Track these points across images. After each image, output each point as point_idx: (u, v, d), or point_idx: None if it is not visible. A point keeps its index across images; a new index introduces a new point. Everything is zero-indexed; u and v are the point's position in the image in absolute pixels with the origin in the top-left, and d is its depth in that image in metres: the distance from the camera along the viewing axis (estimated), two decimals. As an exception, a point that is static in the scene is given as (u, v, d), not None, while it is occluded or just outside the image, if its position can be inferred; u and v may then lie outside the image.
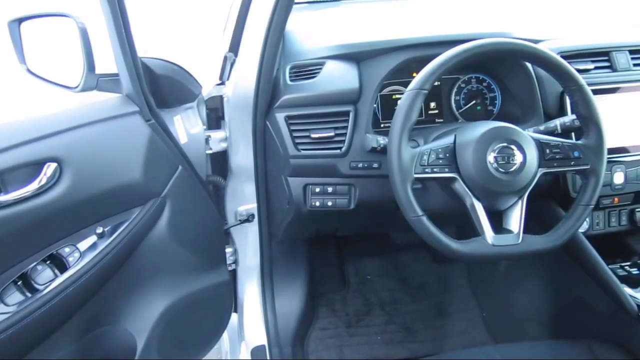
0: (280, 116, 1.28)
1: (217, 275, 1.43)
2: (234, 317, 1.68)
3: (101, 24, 1.08)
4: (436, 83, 1.30)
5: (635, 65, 1.36)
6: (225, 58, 1.42)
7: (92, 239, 1.12)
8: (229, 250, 1.62)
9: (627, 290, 1.25)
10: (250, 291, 1.66)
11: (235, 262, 1.66)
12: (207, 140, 1.44)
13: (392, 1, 1.79)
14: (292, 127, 1.27)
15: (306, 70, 1.31)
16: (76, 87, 1.15)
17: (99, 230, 1.11)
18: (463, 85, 1.41)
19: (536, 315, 1.69)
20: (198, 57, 1.60)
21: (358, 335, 1.88)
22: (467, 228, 1.12)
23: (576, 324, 1.51)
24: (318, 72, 1.30)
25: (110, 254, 1.11)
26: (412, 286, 2.04)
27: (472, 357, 1.22)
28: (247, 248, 1.63)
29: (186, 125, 1.37)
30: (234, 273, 1.68)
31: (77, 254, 1.09)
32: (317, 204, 1.31)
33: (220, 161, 1.52)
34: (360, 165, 1.27)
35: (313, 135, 1.26)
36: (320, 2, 1.78)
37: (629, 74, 1.35)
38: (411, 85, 1.09)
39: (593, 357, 1.19)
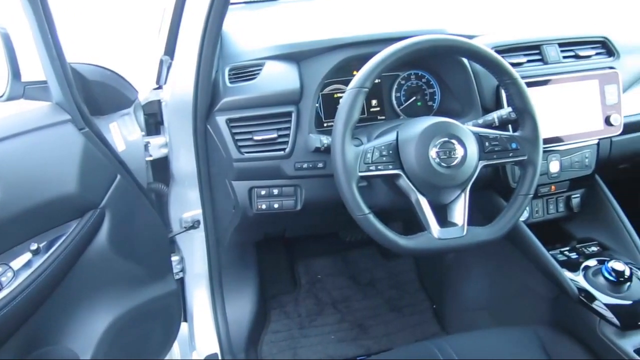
0: (221, 119, 1.25)
1: (164, 285, 1.39)
2: (184, 326, 1.64)
3: (25, 29, 1.02)
4: (376, 80, 1.31)
5: (564, 57, 1.41)
6: (161, 61, 1.38)
7: (27, 256, 1.06)
8: (175, 258, 1.58)
9: (568, 274, 1.30)
10: (199, 299, 1.62)
11: (183, 270, 1.62)
12: (146, 146, 1.40)
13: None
14: (234, 130, 1.25)
15: (246, 72, 1.29)
16: (1, 96, 1.08)
17: (34, 246, 1.05)
18: (403, 82, 1.42)
19: (484, 304, 1.74)
20: (132, 61, 1.55)
21: (311, 335, 1.87)
22: (413, 223, 1.13)
23: (523, 310, 1.55)
24: (258, 73, 1.28)
25: (47, 271, 1.06)
26: (363, 283, 2.05)
27: (424, 350, 1.23)
28: (194, 255, 1.59)
29: (123, 132, 1.32)
30: (181, 282, 1.64)
31: (10, 274, 1.03)
32: (264, 206, 1.29)
33: (162, 168, 1.48)
34: (305, 165, 1.26)
35: (256, 138, 1.24)
36: (257, 1, 1.76)
37: (559, 66, 1.40)
38: (352, 84, 1.09)
39: (540, 342, 1.23)
